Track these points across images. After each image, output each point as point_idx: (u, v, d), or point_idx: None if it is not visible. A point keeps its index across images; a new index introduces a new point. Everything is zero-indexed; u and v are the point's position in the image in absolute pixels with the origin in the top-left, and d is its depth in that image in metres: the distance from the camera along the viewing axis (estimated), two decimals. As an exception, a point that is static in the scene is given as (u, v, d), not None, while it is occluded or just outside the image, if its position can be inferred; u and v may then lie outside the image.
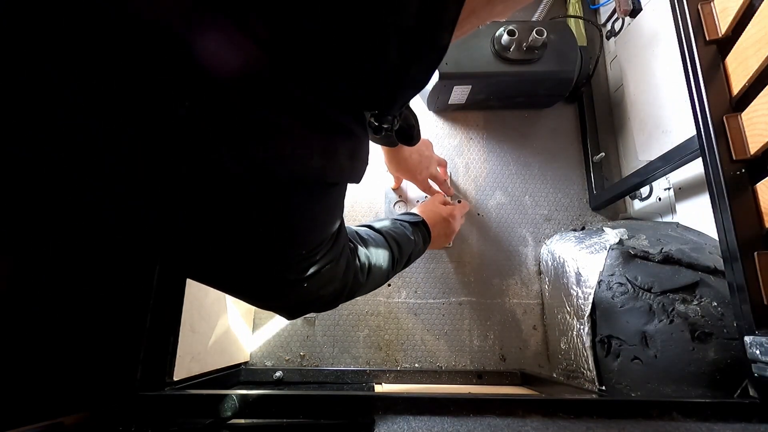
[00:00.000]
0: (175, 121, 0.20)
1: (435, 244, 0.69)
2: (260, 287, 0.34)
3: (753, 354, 0.40)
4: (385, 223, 0.57)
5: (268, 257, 0.31)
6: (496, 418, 0.35)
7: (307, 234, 0.32)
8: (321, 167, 0.26)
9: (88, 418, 0.36)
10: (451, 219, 0.71)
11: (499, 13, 0.28)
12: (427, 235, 0.65)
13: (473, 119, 0.92)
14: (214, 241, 0.27)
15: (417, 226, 0.62)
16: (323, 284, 0.38)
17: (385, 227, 0.55)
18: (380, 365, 0.77)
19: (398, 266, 0.55)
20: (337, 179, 0.29)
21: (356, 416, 0.36)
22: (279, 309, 0.41)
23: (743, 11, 0.45)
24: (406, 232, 0.58)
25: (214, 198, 0.24)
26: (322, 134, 0.25)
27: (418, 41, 0.22)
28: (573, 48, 0.79)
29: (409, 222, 0.61)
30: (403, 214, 0.65)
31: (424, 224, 0.65)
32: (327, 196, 0.31)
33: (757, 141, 0.43)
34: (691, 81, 0.49)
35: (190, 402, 0.38)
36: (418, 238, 0.61)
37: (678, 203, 0.73)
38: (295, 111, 0.23)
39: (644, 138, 0.81)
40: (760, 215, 0.43)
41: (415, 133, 0.53)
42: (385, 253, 0.51)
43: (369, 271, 0.48)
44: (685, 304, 0.53)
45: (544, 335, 0.79)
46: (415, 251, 0.60)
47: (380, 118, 0.35)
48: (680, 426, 0.34)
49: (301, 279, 0.34)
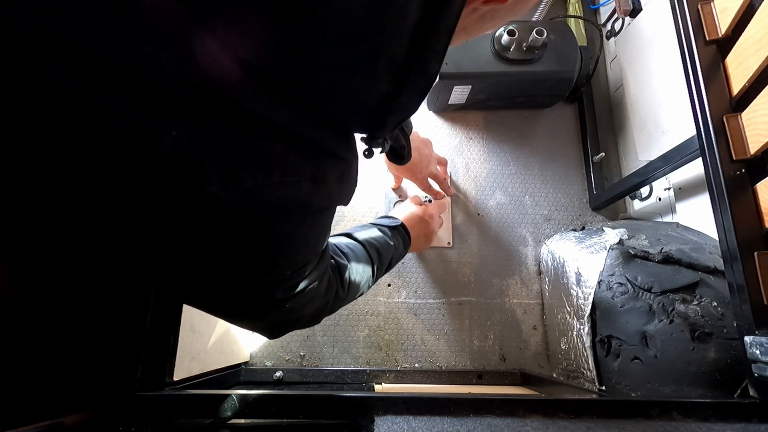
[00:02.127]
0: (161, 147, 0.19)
1: (416, 246, 0.69)
2: (245, 307, 0.34)
3: (753, 354, 0.40)
4: (364, 230, 0.57)
5: (253, 278, 0.30)
6: (496, 418, 0.35)
7: (294, 255, 0.31)
8: (310, 193, 0.26)
9: (88, 418, 0.36)
10: (429, 219, 0.71)
11: (489, 29, 0.28)
12: (407, 237, 0.65)
13: (473, 119, 0.92)
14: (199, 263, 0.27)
15: (396, 230, 0.62)
16: (306, 303, 0.38)
17: (364, 236, 0.55)
18: (380, 365, 0.77)
19: (378, 274, 0.55)
20: (325, 203, 0.29)
21: (356, 416, 0.36)
22: (263, 329, 0.41)
23: (743, 11, 0.45)
24: (386, 238, 0.58)
25: (200, 223, 0.24)
26: (312, 160, 0.25)
27: (409, 71, 0.22)
28: (573, 48, 0.79)
29: (388, 226, 0.61)
30: (382, 218, 0.65)
31: (403, 227, 0.65)
32: (315, 220, 0.31)
33: (757, 141, 0.43)
34: (691, 81, 0.49)
35: (190, 402, 0.38)
36: (398, 242, 0.61)
37: (678, 203, 0.73)
38: (285, 137, 0.23)
39: (644, 138, 0.81)
40: (760, 215, 0.43)
41: (406, 153, 0.53)
42: (365, 265, 0.51)
43: (349, 286, 0.48)
44: (685, 304, 0.53)
45: (544, 335, 0.79)
46: (395, 256, 0.60)
47: (370, 141, 0.35)
48: (680, 426, 0.34)
49: (286, 298, 0.34)
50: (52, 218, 0.22)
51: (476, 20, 0.26)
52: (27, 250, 0.35)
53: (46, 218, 0.22)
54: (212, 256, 0.27)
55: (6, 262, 0.35)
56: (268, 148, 0.23)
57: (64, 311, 0.41)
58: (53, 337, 0.40)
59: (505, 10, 0.26)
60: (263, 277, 0.31)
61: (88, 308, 0.43)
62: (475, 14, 0.25)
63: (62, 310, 0.41)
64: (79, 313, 0.42)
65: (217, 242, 0.26)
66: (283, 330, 0.41)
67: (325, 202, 0.29)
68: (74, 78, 0.18)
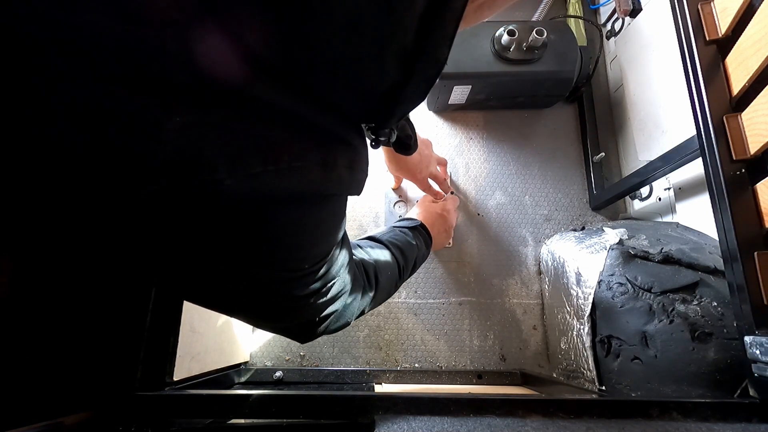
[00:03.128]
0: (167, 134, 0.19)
1: (437, 244, 0.69)
2: (263, 307, 0.33)
3: (753, 354, 0.40)
4: (385, 232, 0.57)
5: (268, 274, 0.29)
6: (496, 418, 0.35)
7: (310, 247, 0.31)
8: (320, 179, 0.26)
9: (88, 418, 0.36)
10: (446, 213, 0.71)
11: (486, 17, 0.28)
12: (428, 236, 0.65)
13: (473, 119, 0.92)
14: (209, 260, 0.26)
15: (416, 230, 0.62)
16: (331, 300, 0.37)
17: (386, 237, 0.55)
18: (380, 365, 0.77)
19: (405, 274, 0.54)
20: (336, 191, 0.29)
21: (356, 416, 0.36)
22: (287, 331, 0.39)
23: (743, 11, 0.45)
24: (408, 238, 0.58)
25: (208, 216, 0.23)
26: (321, 146, 0.25)
27: (417, 58, 0.22)
28: (573, 48, 0.79)
29: (408, 227, 0.61)
30: (400, 220, 0.65)
31: (422, 227, 0.65)
32: (326, 209, 0.30)
33: (757, 141, 0.43)
34: (691, 81, 0.49)
35: (190, 402, 0.38)
36: (420, 242, 0.61)
37: (678, 203, 0.73)
38: (292, 124, 0.23)
39: (644, 138, 0.81)
40: (760, 215, 0.43)
41: (412, 143, 0.52)
42: (391, 263, 0.50)
43: (377, 284, 0.47)
44: (685, 304, 0.53)
45: (544, 335, 0.79)
46: (419, 256, 0.59)
47: (377, 131, 0.34)
48: (680, 426, 0.34)
49: (308, 295, 0.33)
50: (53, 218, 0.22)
51: (474, 9, 0.26)
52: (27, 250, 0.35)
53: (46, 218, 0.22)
54: (223, 252, 0.26)
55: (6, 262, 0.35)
56: (276, 134, 0.22)
57: (64, 311, 0.41)
58: (53, 337, 0.40)
59: None
60: (279, 273, 0.30)
61: (88, 308, 0.43)
62: (474, 3, 0.25)
63: (62, 309, 0.41)
64: (79, 313, 0.42)
65: (227, 237, 0.25)
66: (311, 332, 0.39)
67: (336, 189, 0.28)
68: (77, 71, 0.17)
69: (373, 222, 0.85)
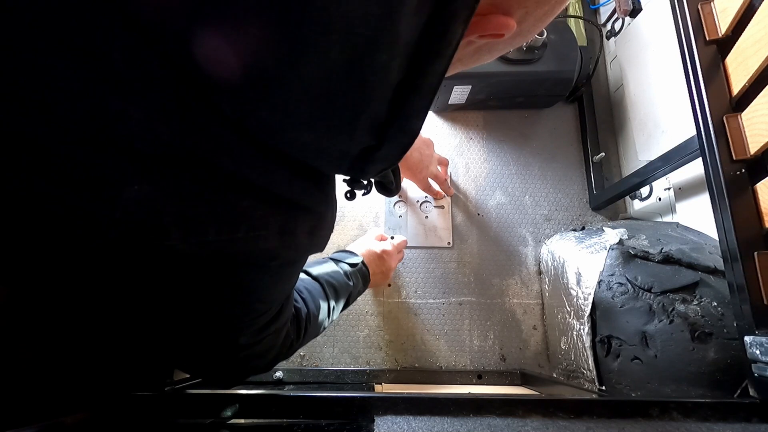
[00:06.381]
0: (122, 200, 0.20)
1: (373, 283, 0.69)
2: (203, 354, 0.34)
3: (753, 354, 0.40)
4: (322, 266, 0.57)
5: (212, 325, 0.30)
6: (496, 418, 0.35)
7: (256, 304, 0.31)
8: (278, 246, 0.26)
9: (88, 418, 0.36)
10: (386, 256, 0.70)
11: (486, 61, 0.27)
12: (367, 274, 0.65)
13: (473, 119, 0.92)
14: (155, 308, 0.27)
15: (356, 267, 0.62)
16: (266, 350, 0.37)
17: (322, 274, 0.54)
18: (380, 365, 0.77)
19: (333, 314, 0.55)
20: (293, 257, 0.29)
21: (356, 416, 0.36)
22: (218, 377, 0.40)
23: (743, 11, 0.45)
24: (344, 277, 0.58)
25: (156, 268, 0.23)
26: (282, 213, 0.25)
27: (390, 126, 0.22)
28: (573, 48, 0.79)
29: (348, 263, 0.61)
30: (341, 252, 0.65)
31: (363, 264, 0.65)
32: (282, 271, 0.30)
33: (757, 141, 0.43)
34: (691, 81, 0.49)
35: (190, 402, 0.38)
36: (357, 280, 0.61)
37: (678, 203, 0.73)
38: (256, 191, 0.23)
39: (644, 138, 0.81)
40: (760, 215, 0.43)
41: (394, 187, 0.52)
42: (323, 305, 0.51)
43: (305, 330, 0.47)
44: (685, 304, 0.53)
45: (544, 335, 0.79)
46: (353, 293, 0.60)
47: (352, 183, 0.34)
48: (680, 426, 0.34)
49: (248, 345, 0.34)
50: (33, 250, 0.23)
51: (472, 53, 0.25)
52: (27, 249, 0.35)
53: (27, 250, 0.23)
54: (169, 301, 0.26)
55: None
56: (236, 203, 0.22)
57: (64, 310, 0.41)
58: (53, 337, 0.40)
59: (503, 44, 0.26)
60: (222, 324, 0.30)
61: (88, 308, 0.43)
62: (471, 47, 0.25)
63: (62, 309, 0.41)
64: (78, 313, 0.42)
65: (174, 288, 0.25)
66: (241, 377, 0.40)
67: (293, 255, 0.28)
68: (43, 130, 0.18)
69: (373, 222, 0.85)
